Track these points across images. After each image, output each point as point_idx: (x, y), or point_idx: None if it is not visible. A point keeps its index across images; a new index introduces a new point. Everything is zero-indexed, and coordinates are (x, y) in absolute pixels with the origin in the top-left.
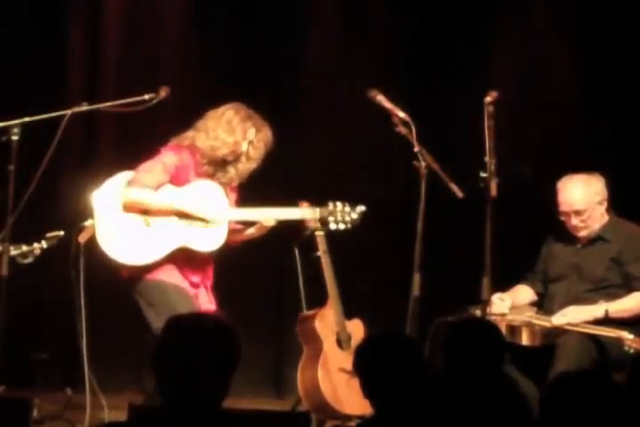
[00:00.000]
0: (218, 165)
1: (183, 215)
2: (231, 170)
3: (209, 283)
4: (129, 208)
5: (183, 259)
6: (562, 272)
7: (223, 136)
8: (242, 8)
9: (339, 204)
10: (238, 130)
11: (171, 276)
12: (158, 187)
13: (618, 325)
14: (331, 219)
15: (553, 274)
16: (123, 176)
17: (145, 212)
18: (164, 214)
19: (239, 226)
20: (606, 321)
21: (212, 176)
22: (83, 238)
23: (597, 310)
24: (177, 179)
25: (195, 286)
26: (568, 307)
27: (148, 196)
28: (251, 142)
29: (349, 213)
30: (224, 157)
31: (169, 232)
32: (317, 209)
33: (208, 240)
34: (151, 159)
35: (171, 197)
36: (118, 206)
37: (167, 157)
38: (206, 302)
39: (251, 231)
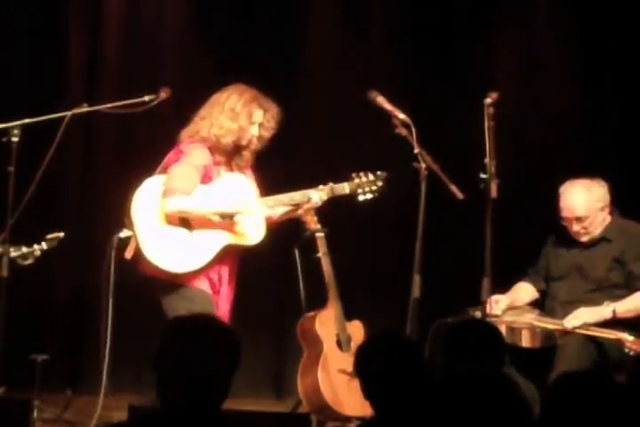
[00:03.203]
0: (230, 153)
1: (222, 215)
2: (246, 153)
3: (234, 271)
4: (172, 219)
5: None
6: (564, 272)
7: (227, 124)
8: (241, 9)
9: (362, 175)
10: (243, 115)
11: (196, 278)
12: (194, 190)
13: (622, 325)
14: (359, 191)
15: (555, 273)
16: (155, 182)
17: (186, 221)
18: (205, 223)
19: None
20: (613, 322)
21: (228, 163)
22: (129, 254)
23: (605, 310)
24: (205, 176)
25: (219, 280)
26: (578, 309)
27: (188, 204)
28: (261, 125)
29: (375, 182)
30: (234, 144)
31: (211, 233)
32: (345, 184)
33: (250, 233)
34: (179, 162)
35: (206, 200)
36: (159, 217)
37: (194, 158)
38: (224, 301)
39: (286, 209)
